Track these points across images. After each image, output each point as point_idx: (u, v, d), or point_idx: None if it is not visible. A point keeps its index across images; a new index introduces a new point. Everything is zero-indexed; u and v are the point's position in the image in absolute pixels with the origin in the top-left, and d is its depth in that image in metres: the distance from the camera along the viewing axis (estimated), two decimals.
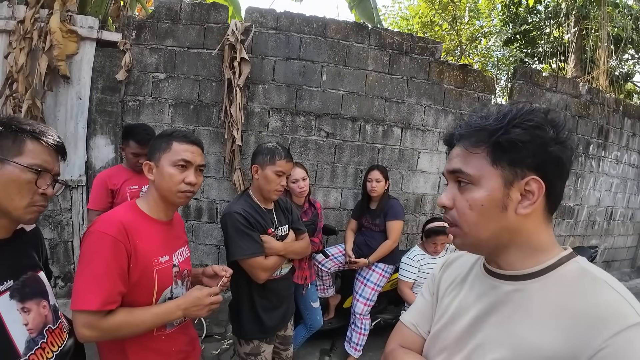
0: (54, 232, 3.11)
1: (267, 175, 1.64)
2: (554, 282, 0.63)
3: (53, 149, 0.97)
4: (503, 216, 0.63)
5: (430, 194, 3.62)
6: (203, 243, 3.31)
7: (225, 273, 1.27)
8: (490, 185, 0.64)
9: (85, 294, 1.00)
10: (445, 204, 0.69)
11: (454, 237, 0.70)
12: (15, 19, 2.85)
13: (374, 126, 3.40)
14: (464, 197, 0.66)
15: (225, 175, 3.25)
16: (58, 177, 1.01)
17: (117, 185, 2.26)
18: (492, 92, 3.85)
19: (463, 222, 0.66)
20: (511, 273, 0.67)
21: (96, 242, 1.04)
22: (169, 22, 3.12)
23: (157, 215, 1.22)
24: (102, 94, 3.09)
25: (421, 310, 0.88)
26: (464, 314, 0.73)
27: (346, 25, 3.30)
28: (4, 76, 2.83)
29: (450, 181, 0.70)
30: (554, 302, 0.60)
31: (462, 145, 0.68)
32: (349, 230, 2.92)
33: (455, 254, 0.89)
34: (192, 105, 3.18)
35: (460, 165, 0.67)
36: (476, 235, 0.66)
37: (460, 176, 0.67)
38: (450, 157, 0.71)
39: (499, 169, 0.63)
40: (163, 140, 1.21)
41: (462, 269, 0.81)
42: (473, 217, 0.65)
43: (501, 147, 0.62)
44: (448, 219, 0.70)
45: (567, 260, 0.65)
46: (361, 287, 2.72)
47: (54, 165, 0.97)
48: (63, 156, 1.03)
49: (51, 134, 0.97)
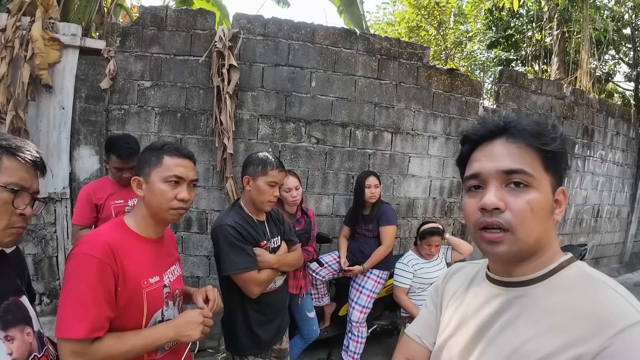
0: (38, 247, 3.00)
1: (259, 186, 1.60)
2: (556, 286, 0.63)
3: (31, 165, 0.91)
4: (550, 221, 0.65)
5: (422, 198, 3.63)
6: (193, 254, 3.24)
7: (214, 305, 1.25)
8: (546, 189, 0.64)
9: (70, 321, 0.94)
10: (499, 206, 0.62)
11: (501, 243, 0.63)
12: None
13: (364, 131, 3.39)
14: (522, 198, 0.62)
15: (215, 184, 3.19)
16: (37, 195, 0.95)
17: (102, 199, 2.18)
18: (479, 95, 3.89)
19: (520, 226, 0.62)
20: (515, 280, 0.67)
21: (81, 265, 0.98)
22: (155, 29, 3.05)
23: (146, 233, 1.16)
24: (85, 103, 3.00)
25: (425, 322, 0.87)
26: (468, 323, 0.72)
27: (334, 31, 3.29)
28: None
29: (495, 181, 0.64)
30: (557, 305, 0.61)
31: (518, 142, 0.64)
32: (342, 237, 2.89)
33: (458, 264, 0.89)
34: (180, 113, 3.11)
35: (522, 166, 0.63)
36: (528, 240, 0.63)
37: (520, 177, 0.63)
38: (494, 154, 0.66)
39: (549, 175, 0.64)
40: (153, 154, 1.15)
41: (465, 279, 0.81)
42: (534, 222, 0.62)
43: (554, 155, 0.64)
44: (500, 222, 0.63)
45: (567, 264, 0.66)
46: (357, 295, 2.69)
47: (32, 182, 0.91)
48: (42, 172, 0.97)
49: (29, 149, 0.91)
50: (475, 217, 0.66)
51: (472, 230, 0.68)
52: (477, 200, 0.66)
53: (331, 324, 3.00)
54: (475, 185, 0.68)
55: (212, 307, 1.23)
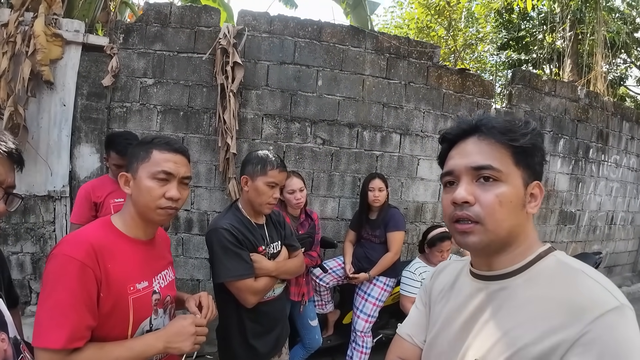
0: (36, 246, 2.94)
1: (257, 187, 1.50)
2: (535, 277, 0.66)
3: (6, 158, 0.83)
4: (522, 214, 0.67)
5: (431, 202, 3.50)
6: (194, 257, 3.15)
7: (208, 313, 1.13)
8: (516, 182, 0.66)
9: (48, 330, 0.85)
10: (468, 199, 0.66)
11: (471, 234, 0.67)
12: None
13: (371, 132, 3.28)
14: (491, 192, 0.65)
15: (217, 185, 3.11)
16: (12, 189, 0.87)
17: (101, 197, 2.11)
18: (491, 96, 3.76)
19: (489, 218, 0.65)
20: (496, 273, 0.70)
21: (60, 267, 0.89)
22: (158, 26, 2.99)
23: (134, 234, 1.07)
24: (87, 101, 2.95)
25: (415, 321, 0.90)
26: (454, 318, 0.75)
27: (342, 29, 3.20)
28: None
29: (466, 177, 0.69)
30: (536, 295, 0.63)
31: (488, 140, 0.68)
32: (347, 242, 2.78)
33: (444, 263, 0.92)
34: (182, 111, 3.04)
35: (490, 162, 0.66)
36: (499, 231, 0.66)
37: (489, 172, 0.66)
38: (465, 152, 0.70)
39: (520, 169, 0.67)
40: (142, 148, 1.06)
41: (450, 276, 0.83)
42: (502, 213, 0.65)
43: (525, 150, 0.66)
44: (469, 215, 0.66)
45: (545, 254, 0.68)
46: (362, 303, 2.57)
47: (6, 176, 0.84)
48: (20, 165, 0.90)
49: (4, 140, 0.84)
50: (449, 210, 0.70)
51: (448, 223, 0.72)
52: (451, 195, 0.69)
53: (334, 332, 2.89)
54: (449, 181, 0.72)
55: (206, 314, 1.12)
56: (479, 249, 0.68)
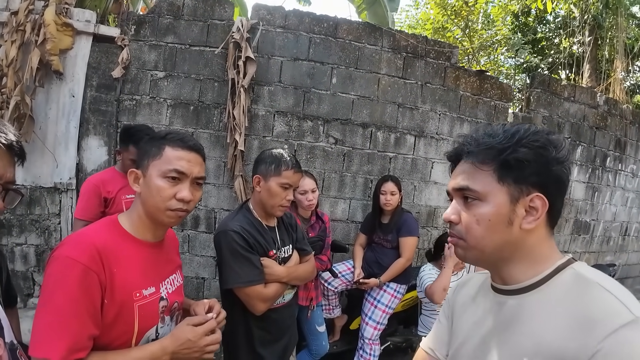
0: (41, 238, 2.90)
1: (270, 187, 1.42)
2: (551, 291, 0.64)
3: (5, 151, 0.77)
4: (508, 231, 0.66)
5: (444, 207, 3.40)
6: (200, 254, 3.09)
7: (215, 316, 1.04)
8: (497, 201, 0.66)
9: (47, 339, 0.78)
10: (451, 219, 0.71)
11: (457, 248, 0.72)
12: (9, 10, 2.66)
13: (385, 133, 3.19)
14: (471, 212, 0.68)
15: (226, 182, 3.04)
16: (12, 185, 0.80)
17: (113, 193, 2.02)
18: (510, 100, 3.65)
19: (469, 236, 0.68)
20: (513, 287, 0.68)
21: (62, 270, 0.82)
22: (171, 18, 2.92)
23: (142, 236, 1.00)
24: (96, 92, 2.89)
25: (438, 335, 0.88)
26: (474, 333, 0.74)
27: (358, 25, 3.11)
28: None
29: (455, 197, 0.72)
30: (551, 311, 0.62)
31: (469, 161, 0.70)
32: (357, 245, 2.70)
33: (467, 276, 0.91)
34: (192, 106, 2.97)
35: (467, 183, 0.68)
36: (481, 248, 0.67)
37: (467, 192, 0.68)
38: (455, 173, 0.73)
39: (505, 186, 0.65)
40: (154, 143, 0.99)
41: (472, 289, 0.83)
42: (480, 231, 0.66)
43: (508, 165, 0.65)
44: (454, 234, 0.71)
45: (563, 267, 0.66)
46: (371, 309, 2.49)
47: (4, 171, 0.77)
48: (21, 159, 0.83)
49: (4, 132, 0.77)
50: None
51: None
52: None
53: (341, 337, 2.81)
54: (450, 198, 0.75)
55: (217, 315, 1.04)
56: (468, 262, 0.75)
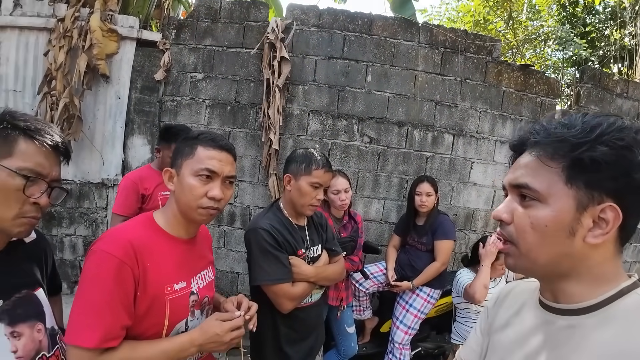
0: (89, 230, 3.13)
1: (301, 187, 1.41)
2: (611, 318, 0.55)
3: (51, 151, 0.82)
4: (568, 242, 0.56)
5: (483, 210, 3.23)
6: (234, 249, 3.17)
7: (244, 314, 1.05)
8: (560, 205, 0.56)
9: (82, 327, 0.83)
10: (502, 218, 0.62)
11: (507, 255, 0.63)
12: (55, 17, 2.88)
13: (422, 132, 3.09)
14: (526, 213, 0.59)
15: (261, 180, 3.10)
16: (57, 183, 0.85)
17: (150, 189, 2.09)
18: (557, 96, 3.40)
19: (521, 241, 0.59)
20: (565, 307, 0.60)
21: (98, 264, 0.87)
22: (209, 21, 3.02)
23: (176, 232, 1.03)
24: (140, 94, 3.06)
25: (472, 347, 0.83)
26: (515, 350, 0.66)
27: (394, 21, 3.03)
28: (43, 74, 2.86)
29: (510, 193, 0.63)
30: (609, 343, 0.53)
31: (534, 153, 0.60)
32: (391, 247, 2.63)
33: (510, 285, 0.80)
34: (229, 106, 3.05)
35: (528, 180, 0.59)
36: (533, 257, 0.59)
37: (526, 191, 0.59)
38: (515, 166, 0.63)
39: (573, 189, 0.55)
40: (187, 143, 1.02)
41: (516, 301, 0.74)
42: (533, 238, 0.58)
43: (581, 165, 0.55)
44: (504, 234, 0.62)
45: (628, 291, 0.57)
46: (402, 313, 2.42)
47: (50, 169, 0.82)
48: (66, 158, 0.88)
49: (50, 133, 0.82)
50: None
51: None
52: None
53: (371, 339, 2.75)
54: (505, 194, 0.66)
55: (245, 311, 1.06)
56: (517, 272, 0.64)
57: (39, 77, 2.89)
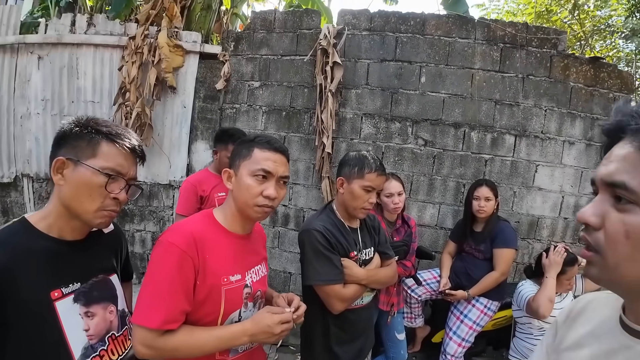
0: (157, 226, 3.46)
1: (353, 190, 1.43)
2: None
3: (129, 153, 0.94)
4: None
5: (549, 217, 2.97)
6: (288, 250, 3.26)
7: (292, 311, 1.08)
8: None
9: (147, 310, 0.93)
10: (589, 222, 0.51)
11: (590, 264, 0.52)
12: (127, 35, 3.24)
13: (480, 133, 2.93)
14: (621, 219, 0.48)
15: (314, 183, 3.16)
16: (134, 181, 0.97)
17: (207, 191, 2.25)
18: (632, 90, 3.05)
19: (610, 252, 0.49)
20: None
21: (164, 253, 0.97)
22: (264, 32, 3.18)
23: (233, 228, 1.10)
24: (203, 103, 3.31)
25: None
26: None
27: (447, 19, 2.93)
28: (118, 86, 3.21)
29: (601, 192, 0.52)
30: None
31: (636, 144, 0.48)
32: (446, 253, 2.53)
33: (585, 299, 0.69)
34: (285, 111, 3.17)
35: (625, 178, 0.47)
36: (622, 272, 0.49)
37: (622, 192, 0.48)
38: (610, 157, 0.51)
39: None
40: (244, 146, 1.10)
41: (593, 318, 0.64)
42: (626, 249, 0.47)
43: None
44: (588, 240, 0.52)
45: None
46: (456, 324, 2.31)
47: (129, 169, 0.94)
48: (142, 160, 1.00)
49: (128, 138, 0.94)
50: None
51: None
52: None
53: (422, 349, 2.67)
54: (593, 191, 0.55)
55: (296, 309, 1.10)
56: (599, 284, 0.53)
57: (114, 90, 3.27)
